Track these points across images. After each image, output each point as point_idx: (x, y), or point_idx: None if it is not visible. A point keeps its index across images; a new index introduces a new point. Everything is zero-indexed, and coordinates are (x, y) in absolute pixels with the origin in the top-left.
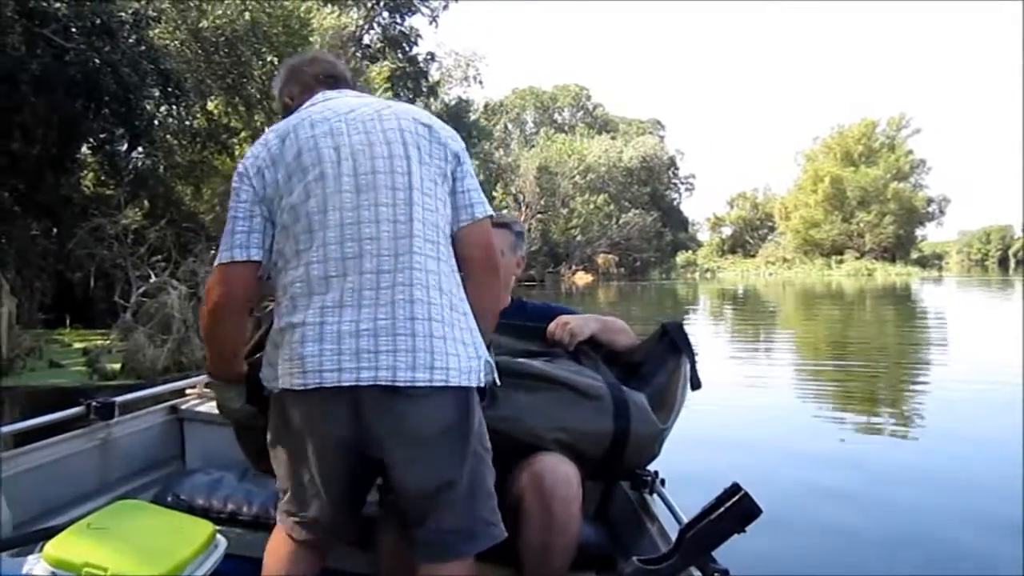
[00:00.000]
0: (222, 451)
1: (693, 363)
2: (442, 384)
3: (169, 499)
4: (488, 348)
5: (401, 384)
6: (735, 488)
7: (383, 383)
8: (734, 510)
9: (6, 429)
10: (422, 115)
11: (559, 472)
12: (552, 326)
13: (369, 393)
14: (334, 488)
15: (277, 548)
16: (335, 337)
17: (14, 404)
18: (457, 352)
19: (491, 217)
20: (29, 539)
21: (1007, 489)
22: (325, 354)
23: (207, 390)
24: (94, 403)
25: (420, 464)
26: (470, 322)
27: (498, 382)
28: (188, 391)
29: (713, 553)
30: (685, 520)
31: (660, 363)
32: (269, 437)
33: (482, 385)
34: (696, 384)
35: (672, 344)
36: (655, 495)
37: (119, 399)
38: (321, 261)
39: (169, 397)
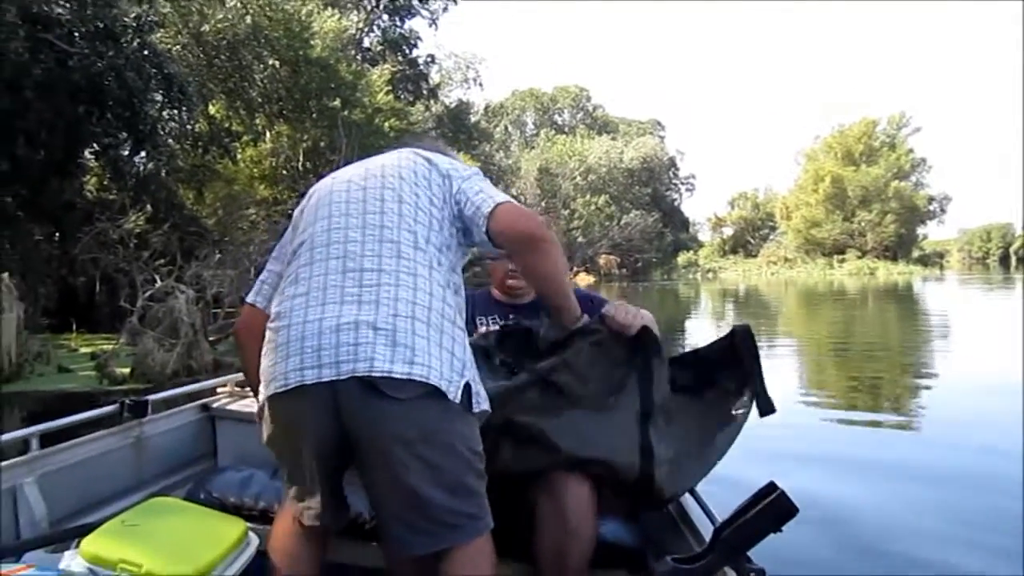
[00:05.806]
0: (253, 449)
1: (761, 381)
2: (421, 380)
3: (201, 496)
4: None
5: (377, 375)
6: (771, 487)
7: (360, 374)
8: (770, 509)
9: (42, 427)
10: (426, 153)
11: (572, 477)
12: (613, 310)
13: (348, 387)
14: (322, 482)
15: (281, 538)
16: (316, 334)
17: (24, 409)
18: (440, 357)
19: (507, 202)
20: (65, 536)
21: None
22: (306, 352)
23: (238, 388)
24: (127, 401)
25: (396, 467)
26: (458, 342)
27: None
28: (219, 389)
29: (749, 553)
30: (719, 519)
31: (715, 381)
32: (265, 440)
33: (458, 402)
34: (767, 408)
35: (734, 355)
36: (688, 493)
37: (152, 397)
38: (308, 263)
39: (201, 395)
